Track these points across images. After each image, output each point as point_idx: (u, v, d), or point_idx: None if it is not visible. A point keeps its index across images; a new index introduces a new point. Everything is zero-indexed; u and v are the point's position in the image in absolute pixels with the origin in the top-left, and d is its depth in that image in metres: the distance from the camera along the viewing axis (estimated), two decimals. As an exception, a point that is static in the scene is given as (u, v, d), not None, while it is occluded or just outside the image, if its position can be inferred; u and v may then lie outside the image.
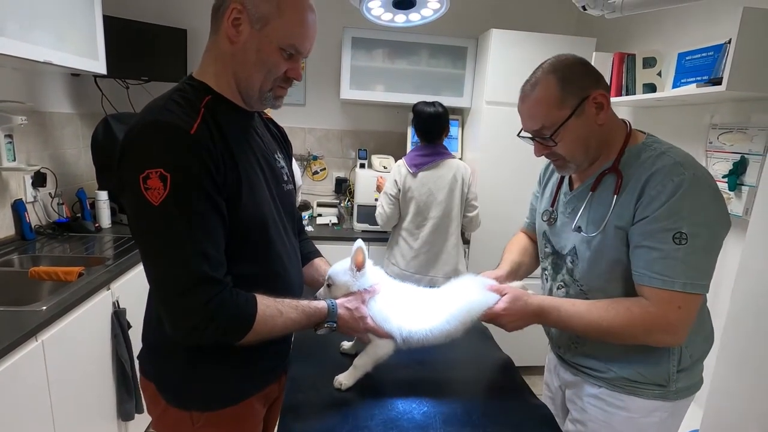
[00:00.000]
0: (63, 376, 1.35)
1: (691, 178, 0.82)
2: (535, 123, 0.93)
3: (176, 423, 0.86)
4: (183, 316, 0.74)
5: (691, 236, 0.80)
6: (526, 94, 0.93)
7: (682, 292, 0.82)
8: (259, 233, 0.84)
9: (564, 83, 0.88)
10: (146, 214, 0.72)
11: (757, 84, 1.38)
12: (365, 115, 2.93)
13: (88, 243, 1.99)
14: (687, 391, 0.96)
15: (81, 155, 2.42)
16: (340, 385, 0.91)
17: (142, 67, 2.41)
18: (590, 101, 0.88)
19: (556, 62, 0.91)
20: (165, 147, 0.71)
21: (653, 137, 0.94)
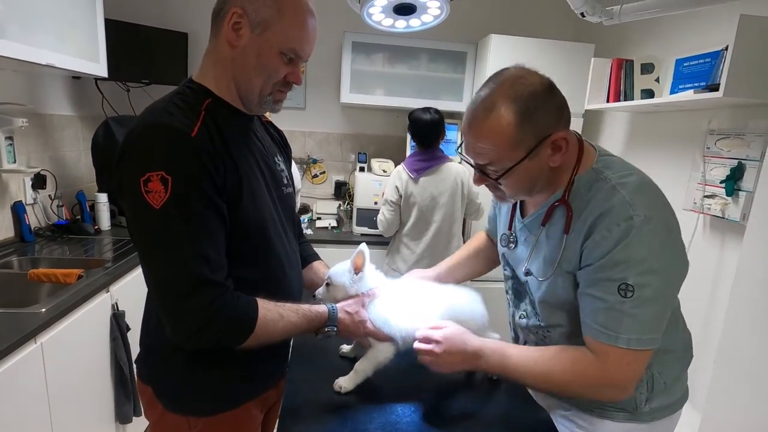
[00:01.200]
0: (61, 379, 1.35)
1: (641, 222, 0.73)
2: (480, 159, 0.82)
3: (173, 427, 0.86)
4: (184, 319, 0.74)
5: (637, 287, 0.73)
6: (476, 118, 0.79)
7: (627, 348, 0.75)
8: (260, 236, 0.85)
9: (523, 120, 0.76)
10: (147, 217, 0.72)
11: (754, 90, 1.39)
12: (365, 119, 2.94)
13: (88, 245, 1.99)
14: (666, 410, 0.92)
15: (81, 157, 2.42)
16: (340, 389, 0.91)
17: (143, 70, 2.42)
18: (548, 143, 0.78)
19: (519, 87, 0.77)
20: (166, 150, 0.72)
21: (604, 158, 0.84)
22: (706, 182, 1.70)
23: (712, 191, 1.67)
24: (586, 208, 0.79)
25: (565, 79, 2.47)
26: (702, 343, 1.77)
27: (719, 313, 1.69)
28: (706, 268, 1.74)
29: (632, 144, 2.29)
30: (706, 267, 1.75)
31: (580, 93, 2.32)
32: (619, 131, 2.39)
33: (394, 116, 2.91)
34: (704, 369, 1.74)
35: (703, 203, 1.70)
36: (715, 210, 1.64)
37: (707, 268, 1.74)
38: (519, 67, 0.82)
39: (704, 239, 1.77)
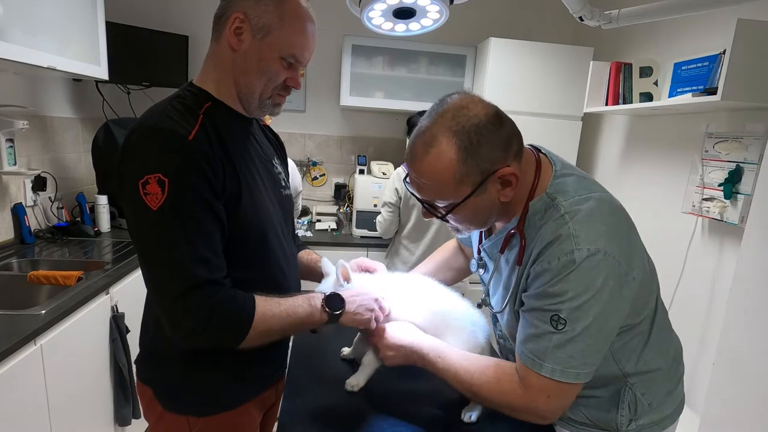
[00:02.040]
0: (61, 381, 1.35)
1: (583, 258, 0.70)
2: (424, 194, 0.79)
3: (172, 428, 0.86)
4: (182, 318, 0.74)
5: (570, 321, 0.71)
6: (417, 154, 0.74)
7: (549, 378, 0.73)
8: (259, 239, 0.85)
9: (467, 156, 0.70)
10: (145, 218, 0.73)
11: (751, 94, 1.40)
12: (365, 122, 2.95)
13: (87, 247, 2.00)
14: (657, 426, 0.88)
15: (81, 159, 2.43)
16: (353, 387, 0.92)
17: (144, 73, 2.43)
18: (496, 178, 0.74)
19: (461, 119, 0.71)
20: (163, 153, 0.73)
21: (559, 180, 0.79)
22: (705, 185, 1.71)
23: (710, 194, 1.68)
24: (536, 237, 0.76)
25: (564, 81, 2.51)
26: (701, 345, 1.77)
27: (718, 316, 1.69)
28: (705, 271, 1.75)
29: (631, 147, 2.30)
30: (705, 270, 1.75)
31: (579, 96, 2.33)
32: (618, 134, 2.40)
33: (394, 119, 2.92)
34: (703, 371, 1.75)
35: (701, 206, 1.71)
36: (714, 213, 1.65)
37: (706, 271, 1.75)
38: (464, 94, 0.75)
39: (703, 242, 1.78)
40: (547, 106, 2.43)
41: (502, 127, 0.73)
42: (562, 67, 2.40)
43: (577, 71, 2.38)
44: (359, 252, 2.49)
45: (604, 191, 0.81)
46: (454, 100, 0.74)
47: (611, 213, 0.77)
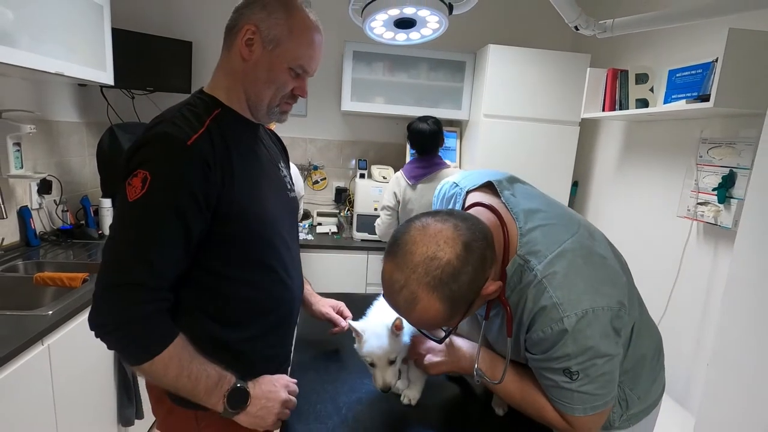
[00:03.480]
0: (67, 380, 1.37)
1: (573, 323, 0.73)
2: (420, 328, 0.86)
3: (181, 422, 0.89)
4: (102, 309, 0.74)
5: (582, 371, 0.75)
6: (402, 310, 0.74)
7: (584, 416, 0.78)
8: (264, 241, 0.88)
9: (451, 302, 0.71)
10: (120, 206, 0.76)
11: (743, 101, 1.44)
12: (365, 127, 2.98)
13: (92, 250, 2.02)
14: (643, 413, 0.93)
15: (86, 163, 2.46)
16: (411, 401, 0.94)
17: (148, 78, 2.46)
18: (480, 298, 0.75)
19: (434, 271, 0.68)
20: (157, 154, 0.75)
21: (526, 239, 0.79)
22: (699, 190, 1.74)
23: (704, 198, 1.71)
24: (521, 305, 0.78)
25: (562, 88, 2.55)
26: (697, 346, 1.80)
27: (713, 317, 1.72)
28: (700, 274, 1.78)
29: (627, 152, 2.33)
30: (700, 272, 1.78)
31: (576, 102, 2.37)
32: (615, 139, 2.43)
33: (394, 124, 2.96)
34: (699, 372, 1.77)
35: (696, 210, 1.74)
36: (708, 217, 1.68)
37: (701, 274, 1.78)
38: (423, 231, 0.71)
39: (698, 245, 1.81)
40: (545, 112, 2.46)
41: (473, 254, 0.70)
42: (559, 74, 2.44)
43: (575, 78, 2.42)
44: (360, 255, 2.52)
45: (573, 232, 0.81)
46: (419, 250, 0.69)
47: (585, 262, 0.78)
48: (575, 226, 0.83)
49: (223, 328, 0.86)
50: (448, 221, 0.72)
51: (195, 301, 0.84)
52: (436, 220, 0.72)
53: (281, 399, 0.86)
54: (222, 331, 0.86)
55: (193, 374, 0.78)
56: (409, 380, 0.97)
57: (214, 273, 0.84)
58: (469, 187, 0.91)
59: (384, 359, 0.89)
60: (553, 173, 2.53)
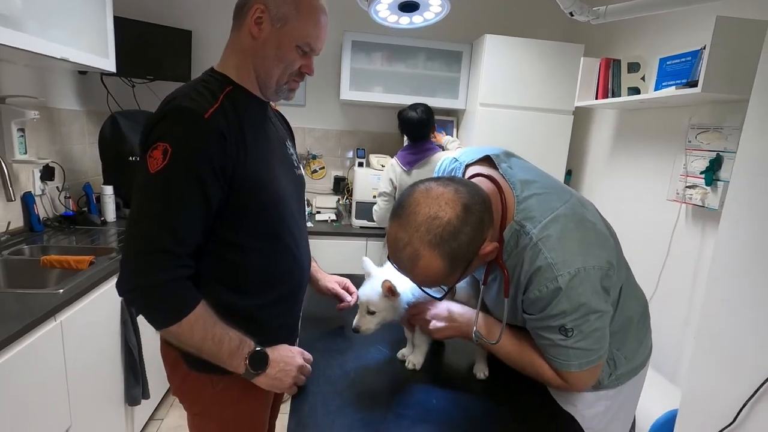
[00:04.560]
0: (79, 357, 1.41)
1: (567, 281, 0.78)
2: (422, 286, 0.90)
3: (197, 386, 0.93)
4: (129, 275, 0.79)
5: (576, 327, 0.81)
6: (404, 267, 0.79)
7: (581, 371, 0.84)
8: (274, 211, 0.92)
9: (451, 259, 0.76)
10: (142, 178, 0.80)
11: (730, 86, 1.50)
12: (363, 116, 3.02)
13: (94, 235, 2.05)
14: (630, 374, 0.99)
15: (86, 152, 2.48)
16: (414, 366, 0.99)
17: (148, 67, 2.48)
18: (478, 258, 0.80)
19: (435, 230, 0.74)
20: (176, 127, 0.79)
21: (523, 205, 0.84)
22: (688, 173, 1.80)
23: (693, 182, 1.78)
24: (518, 267, 0.83)
25: (556, 77, 2.60)
26: (685, 324, 1.87)
27: (700, 296, 1.79)
28: (688, 255, 1.85)
29: (620, 139, 2.40)
30: (688, 253, 1.85)
31: (570, 91, 2.43)
32: (607, 127, 2.50)
33: (392, 114, 2.99)
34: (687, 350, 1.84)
35: (685, 193, 1.81)
36: (696, 199, 1.75)
37: (689, 255, 1.85)
38: (426, 193, 0.77)
39: (686, 227, 1.88)
40: (540, 101, 2.52)
41: (472, 215, 0.76)
42: (554, 63, 2.50)
43: (569, 67, 2.47)
44: (359, 241, 2.57)
45: (565, 200, 0.86)
46: (422, 210, 0.75)
47: (576, 226, 0.83)
48: (567, 195, 0.89)
49: (237, 296, 0.91)
50: (449, 185, 0.77)
51: (211, 271, 0.88)
52: (438, 184, 0.78)
53: (298, 364, 0.91)
54: (236, 299, 0.91)
55: (216, 337, 0.83)
56: (414, 346, 1.03)
57: (228, 244, 0.88)
58: (468, 161, 0.96)
59: (364, 306, 0.95)
60: (548, 162, 2.58)
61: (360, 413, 0.86)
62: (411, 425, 0.84)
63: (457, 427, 0.85)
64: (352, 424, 0.83)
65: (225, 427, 0.96)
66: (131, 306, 0.82)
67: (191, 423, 0.99)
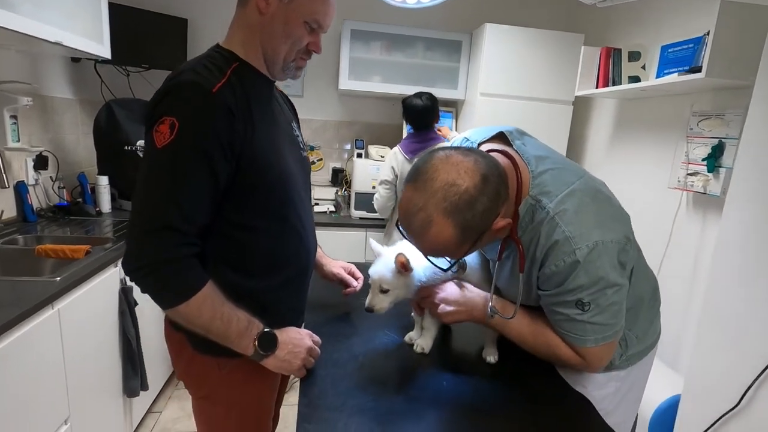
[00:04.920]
0: (76, 345, 1.38)
1: (585, 254, 0.77)
2: (429, 255, 0.86)
3: (203, 369, 0.91)
4: (136, 253, 0.77)
5: (593, 302, 0.81)
6: (414, 232, 0.77)
7: (597, 346, 0.84)
8: (283, 191, 0.90)
9: (463, 229, 0.74)
10: (148, 154, 0.78)
11: (733, 71, 1.50)
12: (361, 107, 3.00)
13: (89, 226, 2.01)
14: (640, 354, 0.99)
15: (80, 142, 2.43)
16: (423, 349, 0.98)
17: (143, 55, 2.44)
18: (491, 230, 0.78)
19: (452, 197, 0.72)
20: (183, 101, 0.77)
21: (538, 180, 0.83)
22: (690, 161, 1.81)
23: (694, 169, 1.78)
24: (534, 242, 0.82)
25: (556, 67, 2.59)
26: (685, 311, 1.88)
27: (701, 282, 1.79)
28: (690, 241, 1.86)
29: (620, 129, 2.40)
30: (690, 239, 1.86)
31: (570, 80, 2.42)
32: (608, 117, 2.50)
33: (390, 105, 2.98)
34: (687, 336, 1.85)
35: (686, 181, 1.81)
36: (698, 186, 1.75)
37: (690, 241, 1.85)
38: (445, 160, 0.75)
39: (687, 215, 1.88)
40: (540, 91, 2.51)
41: (489, 186, 0.74)
42: (554, 53, 2.49)
43: (569, 57, 2.47)
44: (359, 232, 2.55)
45: (579, 175, 0.86)
46: (440, 177, 0.73)
47: (592, 200, 0.83)
48: (581, 171, 0.89)
49: (244, 278, 0.89)
50: (469, 155, 0.76)
51: (218, 251, 0.86)
52: (458, 153, 0.76)
53: (307, 346, 0.89)
54: (243, 280, 0.89)
55: (225, 317, 0.81)
56: (422, 329, 1.01)
57: (235, 224, 0.86)
58: (481, 139, 0.95)
59: (377, 285, 0.93)
60: (547, 152, 2.58)
61: (371, 395, 0.85)
62: (424, 407, 0.83)
63: (470, 408, 0.85)
64: (363, 405, 0.82)
65: (231, 410, 0.94)
66: (138, 284, 0.79)
67: (196, 407, 0.97)
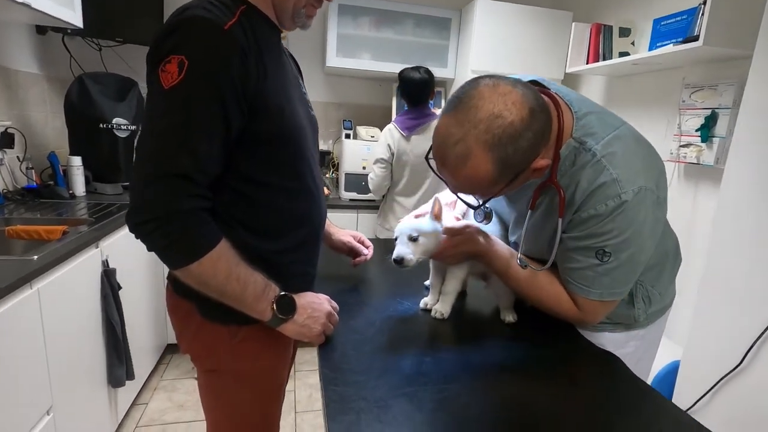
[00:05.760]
0: (58, 332, 1.28)
1: (630, 198, 0.75)
2: (458, 191, 0.81)
3: (212, 339, 0.84)
4: (143, 205, 0.68)
5: (614, 253, 0.78)
6: (450, 165, 0.72)
7: (599, 300, 0.83)
8: (297, 145, 0.84)
9: (503, 166, 0.70)
10: (154, 96, 0.70)
11: (731, 40, 1.51)
12: (349, 88, 2.92)
13: (61, 209, 1.87)
14: (659, 312, 0.99)
15: (48, 122, 2.26)
16: (442, 315, 0.94)
17: (117, 27, 2.27)
18: (529, 170, 0.74)
19: (496, 130, 0.67)
20: (193, 37, 0.69)
21: (583, 121, 0.79)
22: (682, 133, 1.83)
23: (687, 141, 1.80)
24: (574, 186, 0.78)
25: (547, 44, 2.58)
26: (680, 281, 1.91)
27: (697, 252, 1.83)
28: (683, 211, 1.89)
29: (611, 105, 2.37)
30: (683, 209, 1.89)
31: (560, 57, 2.43)
32: (598, 94, 2.51)
33: (378, 85, 2.92)
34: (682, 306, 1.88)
35: (679, 152, 1.84)
36: (691, 157, 1.77)
37: (684, 211, 1.89)
38: (493, 89, 0.69)
39: (680, 185, 1.91)
40: (530, 68, 2.50)
41: (536, 122, 0.70)
42: (544, 30, 2.48)
43: (559, 34, 2.47)
44: (350, 214, 2.49)
45: (622, 121, 0.83)
46: (486, 107, 0.68)
47: (638, 145, 0.81)
48: (620, 118, 0.86)
49: (256, 238, 0.82)
50: (517, 86, 0.71)
51: (228, 209, 0.79)
52: (506, 82, 0.71)
53: (326, 310, 0.84)
54: (256, 241, 0.82)
55: (241, 277, 0.74)
56: (441, 294, 0.97)
57: (247, 179, 0.79)
58: None
59: (405, 235, 0.88)
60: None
61: (396, 356, 0.81)
62: (453, 367, 0.79)
63: (501, 367, 0.81)
64: (390, 366, 0.77)
65: (242, 383, 0.87)
66: (145, 241, 0.70)
67: (204, 381, 0.90)
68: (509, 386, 0.76)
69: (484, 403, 0.70)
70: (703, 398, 1.45)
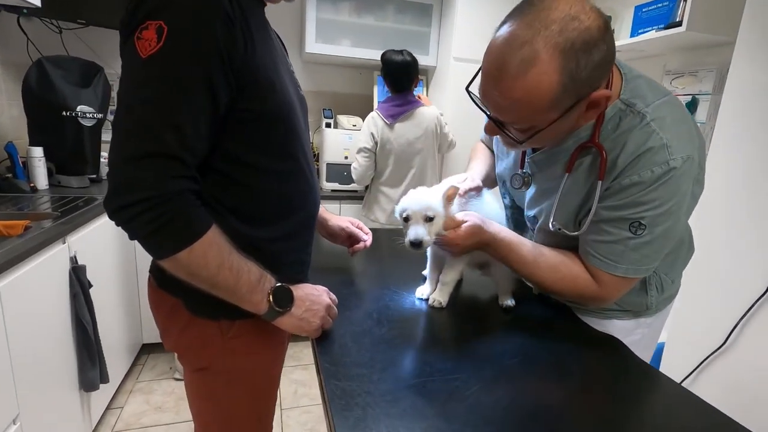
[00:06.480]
0: (23, 335, 1.18)
1: (678, 166, 0.70)
2: (503, 116, 0.71)
3: (202, 335, 0.77)
4: (123, 188, 0.60)
5: (649, 226, 0.74)
6: (508, 71, 0.62)
7: (624, 277, 0.78)
8: (289, 123, 0.78)
9: (570, 80, 0.62)
10: (130, 67, 0.62)
11: (713, 26, 1.53)
12: (328, 76, 2.84)
13: (22, 203, 1.73)
14: (668, 300, 0.98)
15: (4, 110, 2.09)
16: (441, 304, 0.91)
17: (80, 9, 2.12)
18: (587, 101, 0.67)
19: (571, 33, 0.60)
20: (172, 0, 0.61)
21: (632, 83, 0.75)
22: (663, 119, 1.85)
23: (668, 127, 1.83)
24: (619, 149, 0.72)
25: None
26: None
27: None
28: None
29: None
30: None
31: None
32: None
33: (358, 73, 2.85)
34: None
35: (660, 139, 1.86)
36: (672, 143, 1.80)
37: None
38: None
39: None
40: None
41: (608, 40, 0.62)
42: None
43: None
44: (332, 204, 2.43)
45: (670, 92, 0.79)
46: (561, 3, 0.60)
47: (684, 113, 0.76)
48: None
49: (246, 225, 0.76)
50: None
51: (218, 194, 0.73)
52: None
53: (326, 303, 0.79)
54: (246, 228, 0.76)
55: (234, 266, 0.67)
56: (439, 284, 0.94)
57: (235, 161, 0.73)
58: None
59: (418, 215, 0.83)
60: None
61: (397, 346, 0.77)
62: (461, 357, 0.76)
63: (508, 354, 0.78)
64: (393, 359, 0.73)
65: (234, 382, 0.81)
66: (127, 228, 0.62)
67: (192, 381, 0.83)
68: (518, 372, 0.73)
69: (496, 391, 0.67)
70: (687, 378, 1.49)
